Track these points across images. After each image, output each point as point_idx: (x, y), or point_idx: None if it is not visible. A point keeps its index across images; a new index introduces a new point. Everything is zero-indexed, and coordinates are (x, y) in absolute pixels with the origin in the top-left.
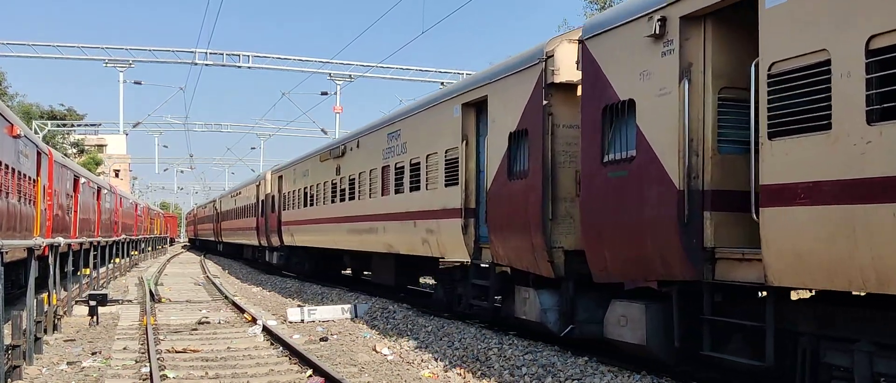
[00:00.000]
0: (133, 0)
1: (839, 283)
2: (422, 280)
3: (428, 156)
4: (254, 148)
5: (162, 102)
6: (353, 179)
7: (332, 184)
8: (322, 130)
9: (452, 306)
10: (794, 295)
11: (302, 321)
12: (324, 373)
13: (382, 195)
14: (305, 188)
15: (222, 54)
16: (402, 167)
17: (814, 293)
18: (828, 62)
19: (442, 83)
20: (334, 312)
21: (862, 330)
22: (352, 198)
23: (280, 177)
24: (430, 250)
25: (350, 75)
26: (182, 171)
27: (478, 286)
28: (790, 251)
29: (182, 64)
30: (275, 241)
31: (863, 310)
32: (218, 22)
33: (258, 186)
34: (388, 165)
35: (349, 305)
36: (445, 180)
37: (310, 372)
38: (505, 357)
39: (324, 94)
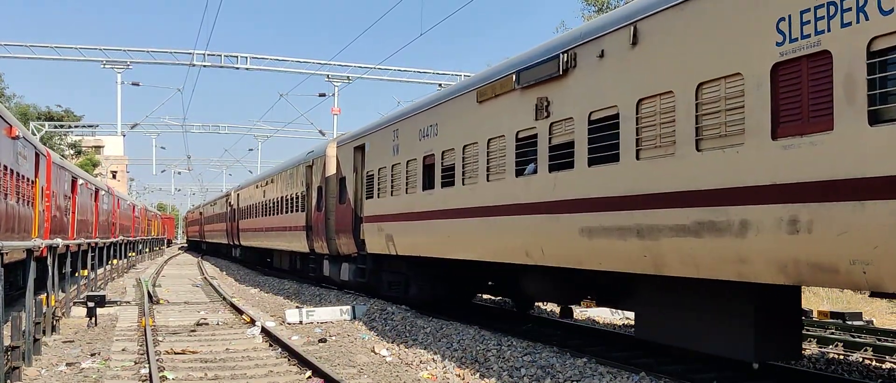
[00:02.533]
0: (131, 1)
1: None
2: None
3: None
4: (252, 149)
5: (160, 103)
6: (613, 118)
7: (523, 139)
8: (320, 132)
9: None
10: None
11: (300, 322)
12: (323, 375)
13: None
14: (426, 158)
15: (220, 55)
16: None
17: None
18: None
19: (439, 85)
20: (333, 313)
21: None
22: (606, 158)
23: (359, 149)
24: None
25: (348, 77)
26: (179, 173)
27: None
28: None
29: (180, 65)
30: (344, 247)
31: None
32: (216, 23)
33: (309, 168)
34: (839, 52)
35: (347, 306)
36: None
37: (309, 373)
38: (504, 358)
39: (322, 95)
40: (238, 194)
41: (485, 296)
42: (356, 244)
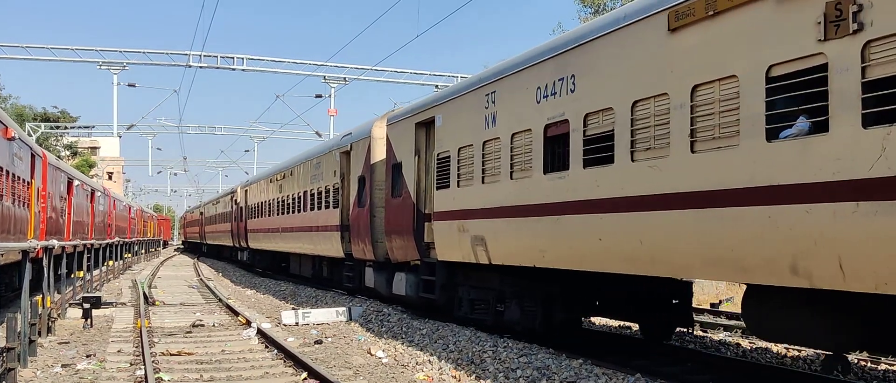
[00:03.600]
0: (127, 2)
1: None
2: None
3: None
4: (248, 151)
5: (156, 105)
6: None
7: (783, 77)
8: (317, 133)
9: None
10: None
11: (296, 324)
12: (319, 376)
13: None
14: (552, 126)
15: (216, 56)
16: None
17: None
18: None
19: (436, 86)
20: (328, 315)
21: None
22: None
23: (424, 125)
24: None
25: (345, 78)
26: (175, 174)
27: None
28: None
29: (176, 66)
30: (399, 252)
31: None
32: (212, 24)
33: (346, 154)
34: None
35: (343, 308)
36: None
37: (304, 374)
38: (499, 359)
39: (318, 96)
40: (246, 191)
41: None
42: (418, 249)
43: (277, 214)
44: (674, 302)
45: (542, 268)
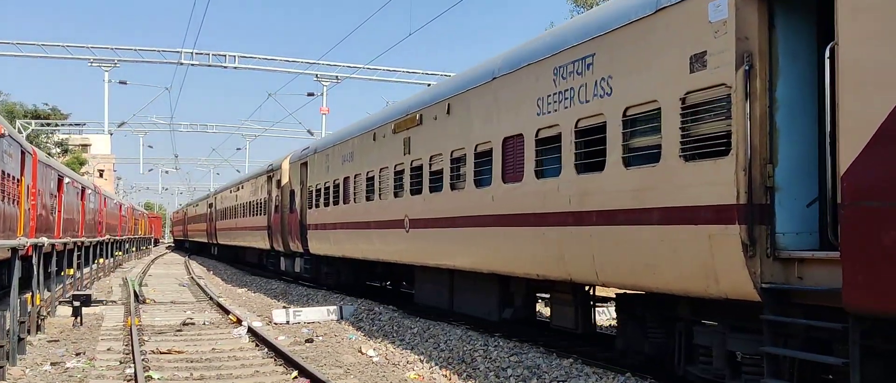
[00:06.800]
0: None
1: None
2: None
3: None
4: (239, 149)
5: (147, 102)
6: None
7: None
8: (308, 131)
9: None
10: None
11: (287, 322)
12: (309, 375)
13: None
14: None
15: (208, 54)
16: None
17: None
18: None
19: (428, 84)
20: (320, 314)
21: None
22: None
23: None
24: None
25: (337, 76)
26: (167, 172)
27: None
28: None
29: (168, 64)
30: None
31: None
32: (204, 21)
33: None
34: None
35: (335, 307)
36: None
37: (295, 373)
38: (490, 358)
39: (310, 95)
40: (304, 165)
41: None
42: None
43: (383, 197)
44: None
45: None
